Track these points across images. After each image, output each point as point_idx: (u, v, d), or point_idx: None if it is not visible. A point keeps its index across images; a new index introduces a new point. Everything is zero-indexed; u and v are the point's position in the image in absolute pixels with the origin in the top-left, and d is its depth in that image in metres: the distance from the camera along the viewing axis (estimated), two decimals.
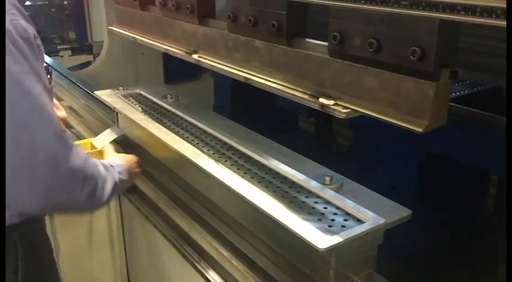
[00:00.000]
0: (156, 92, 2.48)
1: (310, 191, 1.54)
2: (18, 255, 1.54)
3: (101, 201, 1.56)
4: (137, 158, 1.99)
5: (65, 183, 1.37)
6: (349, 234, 1.29)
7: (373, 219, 1.36)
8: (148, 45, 2.10)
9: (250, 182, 1.60)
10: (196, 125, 2.06)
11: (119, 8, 2.35)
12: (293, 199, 1.49)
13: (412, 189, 2.40)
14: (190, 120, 2.11)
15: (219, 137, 1.93)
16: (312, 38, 1.40)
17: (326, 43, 1.28)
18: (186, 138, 1.94)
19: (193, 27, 1.78)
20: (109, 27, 2.48)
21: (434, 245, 2.46)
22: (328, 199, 1.49)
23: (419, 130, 1.06)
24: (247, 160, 1.75)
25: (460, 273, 2.57)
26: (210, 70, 3.83)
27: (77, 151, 1.40)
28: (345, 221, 1.38)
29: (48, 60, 3.68)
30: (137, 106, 2.30)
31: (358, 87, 1.19)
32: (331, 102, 1.25)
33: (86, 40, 4.65)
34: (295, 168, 1.66)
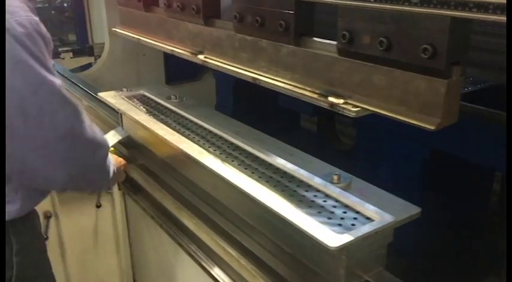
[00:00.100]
0: (160, 93, 2.48)
1: (318, 189, 1.55)
2: (13, 251, 1.61)
3: (108, 172, 1.76)
4: (126, 163, 2.17)
5: (81, 152, 1.57)
6: (359, 233, 1.29)
7: (383, 217, 1.36)
8: (153, 46, 2.10)
9: (258, 181, 1.60)
10: (201, 126, 2.06)
11: (122, 9, 2.35)
12: (302, 198, 1.49)
13: (417, 187, 2.40)
14: (195, 121, 2.11)
15: (224, 137, 1.94)
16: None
17: (334, 42, 1.29)
18: (192, 139, 1.94)
19: (199, 27, 1.78)
20: (112, 29, 2.48)
21: (439, 242, 2.46)
22: (337, 197, 1.49)
23: (431, 128, 1.06)
24: (254, 160, 1.76)
25: (464, 271, 2.57)
26: (211, 70, 3.88)
27: (87, 122, 1.58)
28: (355, 219, 1.38)
29: None
30: (142, 107, 2.30)
31: (368, 86, 1.19)
32: (341, 101, 1.25)
33: (87, 42, 4.63)
34: (302, 167, 1.66)
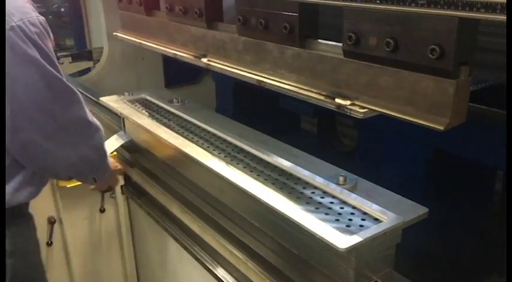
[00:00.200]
0: (162, 96, 2.48)
1: (325, 191, 1.55)
2: (7, 252, 1.66)
3: (105, 155, 1.91)
4: (122, 168, 2.27)
5: (86, 135, 1.75)
6: (368, 234, 1.30)
7: (391, 218, 1.36)
8: (156, 50, 2.10)
9: (264, 183, 1.61)
10: (205, 129, 2.06)
11: (123, 13, 2.35)
12: (309, 200, 1.50)
13: (421, 187, 2.40)
14: (198, 124, 2.11)
15: (228, 139, 1.94)
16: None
17: (339, 44, 1.29)
18: (196, 142, 1.94)
19: (202, 31, 1.78)
20: (114, 33, 2.47)
21: (442, 242, 2.46)
22: (344, 199, 1.50)
23: (440, 128, 1.06)
24: (259, 162, 1.76)
25: (466, 271, 2.58)
26: (210, 73, 3.88)
27: (87, 108, 1.76)
28: (363, 220, 1.39)
29: None
30: (144, 111, 2.30)
31: (375, 87, 1.20)
32: (348, 102, 1.26)
33: (85, 46, 4.63)
34: (307, 169, 1.66)
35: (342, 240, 1.27)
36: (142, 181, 2.33)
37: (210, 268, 1.89)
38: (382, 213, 1.39)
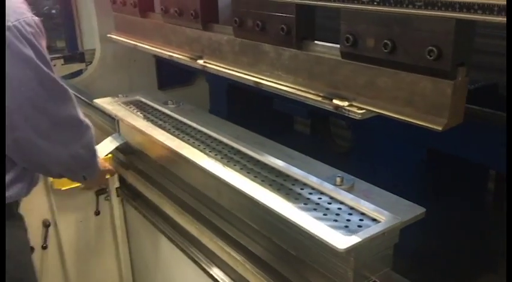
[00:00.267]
0: (156, 98, 2.48)
1: (322, 192, 1.56)
2: None
3: (95, 152, 1.92)
4: (111, 169, 2.29)
5: (76, 132, 1.79)
6: (367, 234, 1.30)
7: (389, 218, 1.37)
8: (151, 52, 2.10)
9: (261, 185, 1.61)
10: (201, 131, 2.06)
11: (117, 15, 2.34)
12: (307, 201, 1.50)
13: (415, 188, 2.42)
14: (194, 126, 2.11)
15: (225, 141, 1.94)
16: None
17: (337, 45, 1.29)
18: (192, 144, 1.94)
19: (198, 32, 1.78)
20: (108, 35, 2.46)
21: (437, 242, 2.48)
22: (342, 199, 1.50)
23: (438, 128, 1.07)
24: (256, 164, 1.76)
25: (462, 269, 2.60)
26: (203, 75, 3.87)
27: (77, 107, 1.79)
28: (361, 221, 1.39)
29: None
30: (139, 113, 2.30)
31: (373, 88, 1.20)
32: (346, 103, 1.26)
33: (76, 48, 4.60)
34: (304, 170, 1.67)
35: (341, 240, 1.28)
36: (137, 183, 2.32)
37: (208, 270, 1.89)
38: (379, 214, 1.40)
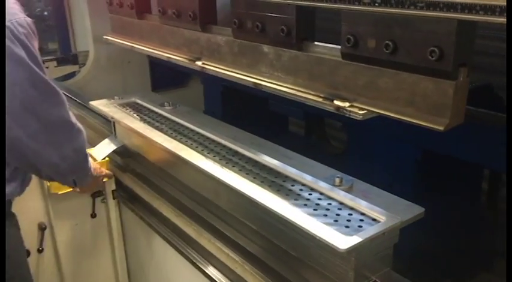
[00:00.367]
0: (153, 100, 2.47)
1: (322, 192, 1.56)
2: None
3: (86, 156, 1.92)
4: (109, 173, 2.27)
5: (68, 135, 1.78)
6: (367, 234, 1.31)
7: (389, 218, 1.38)
8: (149, 53, 2.09)
9: (261, 186, 1.61)
10: (198, 132, 2.06)
11: (113, 17, 2.33)
12: (306, 202, 1.50)
13: (410, 188, 2.43)
14: (191, 127, 2.10)
15: (223, 142, 1.94)
16: None
17: (337, 46, 1.30)
18: (190, 146, 1.93)
19: (196, 34, 1.78)
20: (104, 37, 2.45)
21: (433, 241, 2.49)
22: (341, 200, 1.51)
23: (440, 128, 1.08)
24: (255, 165, 1.76)
25: (458, 268, 2.61)
26: (198, 76, 3.87)
27: (69, 111, 1.79)
28: (361, 221, 1.40)
29: None
30: (135, 115, 2.29)
31: (374, 89, 1.21)
32: (347, 104, 1.27)
33: (69, 50, 4.58)
34: (303, 171, 1.67)
35: (342, 240, 1.28)
36: (134, 185, 2.31)
37: (205, 271, 1.89)
38: (379, 214, 1.40)
